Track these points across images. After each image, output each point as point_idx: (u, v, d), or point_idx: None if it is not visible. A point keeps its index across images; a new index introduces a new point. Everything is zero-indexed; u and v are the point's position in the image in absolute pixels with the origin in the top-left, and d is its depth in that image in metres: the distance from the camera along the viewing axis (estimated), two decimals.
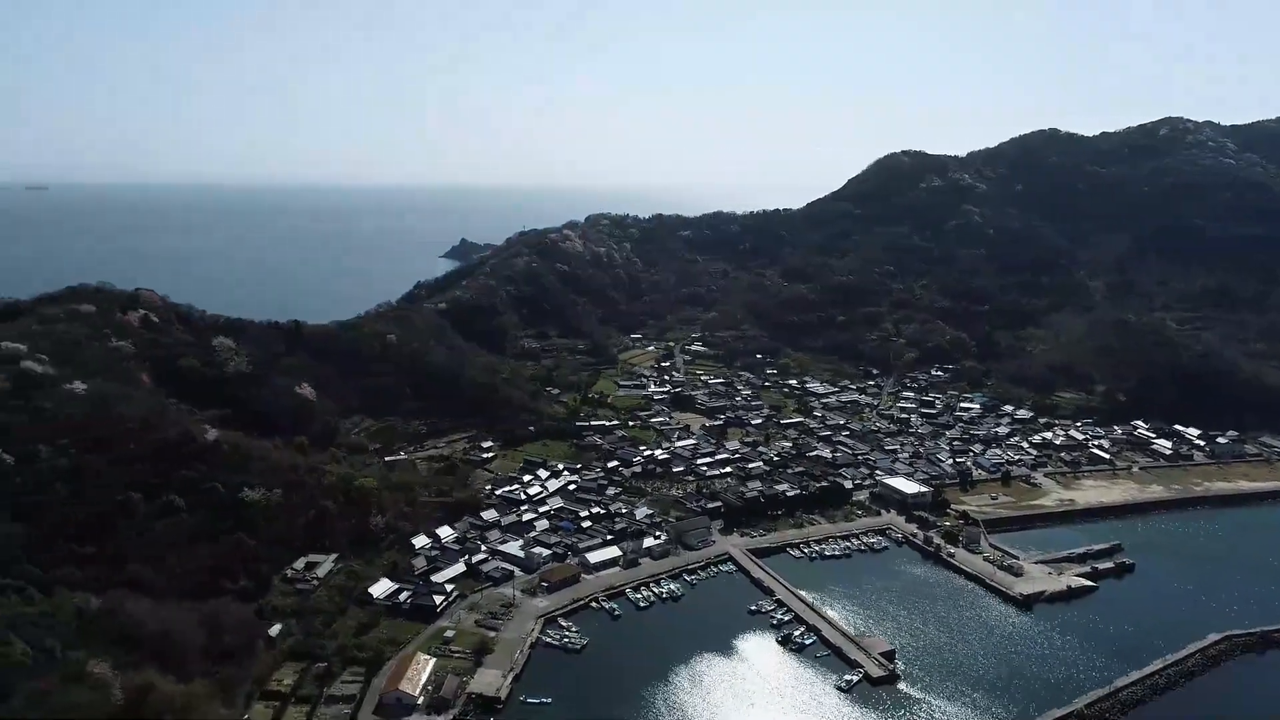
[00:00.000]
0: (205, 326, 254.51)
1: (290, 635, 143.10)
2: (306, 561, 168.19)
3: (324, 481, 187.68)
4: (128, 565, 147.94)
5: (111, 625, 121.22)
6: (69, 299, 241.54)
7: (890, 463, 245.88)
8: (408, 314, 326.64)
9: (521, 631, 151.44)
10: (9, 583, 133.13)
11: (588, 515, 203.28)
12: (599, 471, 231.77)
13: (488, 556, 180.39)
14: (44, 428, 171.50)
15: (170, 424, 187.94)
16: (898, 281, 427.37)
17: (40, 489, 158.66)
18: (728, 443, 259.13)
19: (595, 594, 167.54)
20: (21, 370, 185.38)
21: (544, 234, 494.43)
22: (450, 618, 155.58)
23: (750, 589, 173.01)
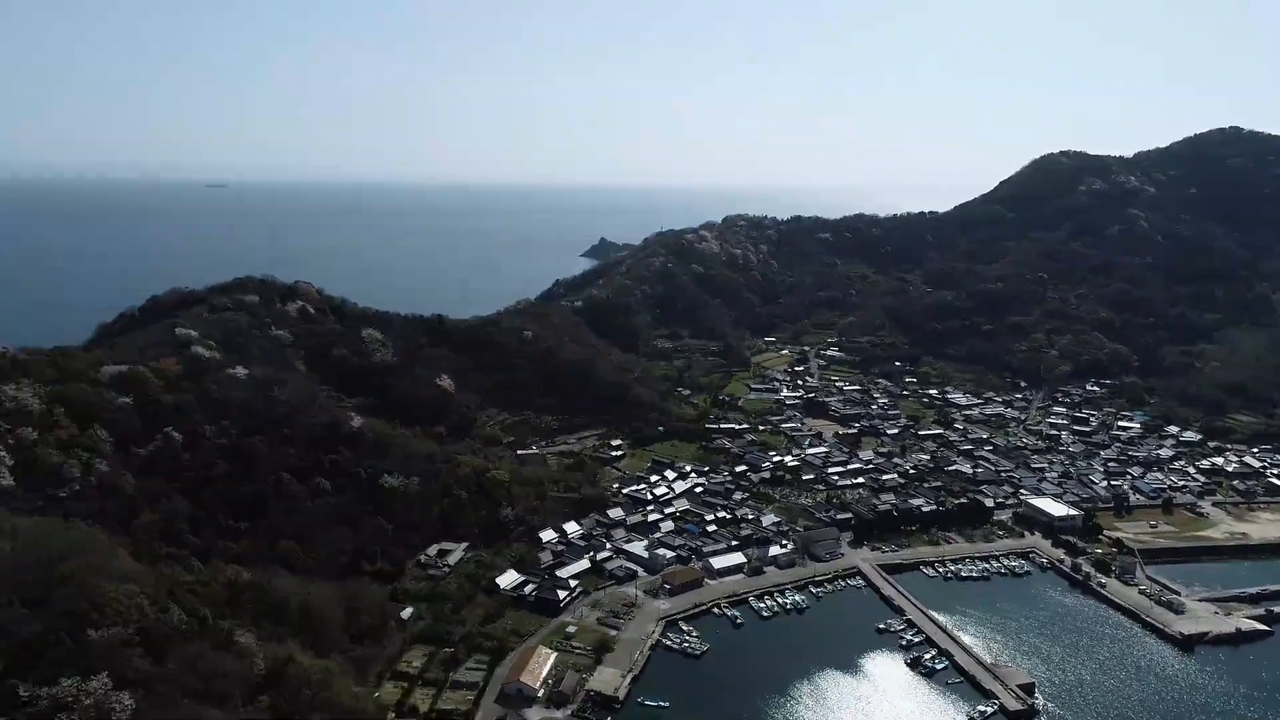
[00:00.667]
0: (355, 318, 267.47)
1: (420, 619, 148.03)
2: (439, 549, 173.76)
3: (458, 472, 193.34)
4: (278, 543, 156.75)
5: (259, 598, 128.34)
6: (237, 289, 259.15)
7: (1037, 482, 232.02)
8: (545, 311, 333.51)
9: (642, 632, 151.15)
10: (173, 551, 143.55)
11: (713, 519, 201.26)
12: (727, 475, 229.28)
13: (612, 555, 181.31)
14: (210, 409, 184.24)
15: (321, 410, 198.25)
16: (1052, 290, 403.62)
17: (204, 466, 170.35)
18: (861, 452, 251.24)
19: (718, 600, 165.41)
20: (193, 355, 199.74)
21: (680, 234, 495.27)
22: (573, 613, 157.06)
23: (879, 606, 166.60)
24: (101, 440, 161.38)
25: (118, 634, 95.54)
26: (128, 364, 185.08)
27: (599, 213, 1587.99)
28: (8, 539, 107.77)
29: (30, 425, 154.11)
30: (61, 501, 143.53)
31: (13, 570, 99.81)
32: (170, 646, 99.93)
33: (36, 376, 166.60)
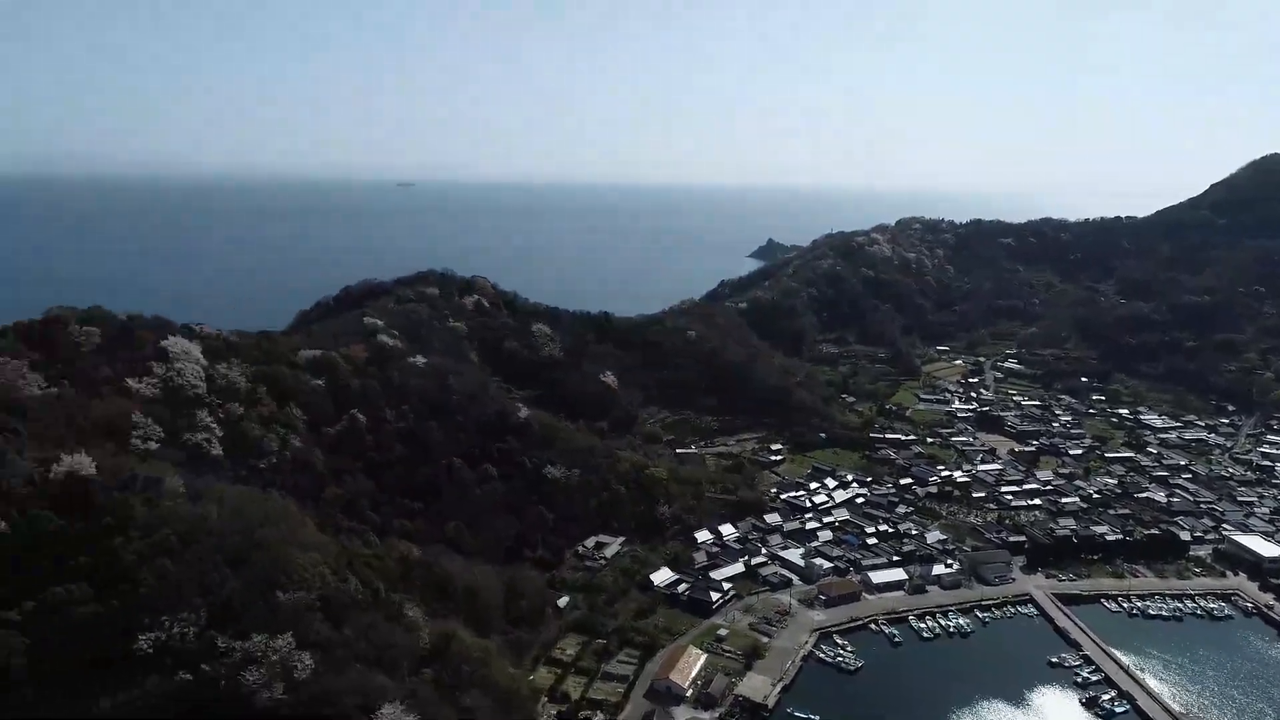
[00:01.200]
0: (527, 313, 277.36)
1: (576, 609, 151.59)
2: (596, 541, 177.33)
3: (618, 467, 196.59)
4: (447, 524, 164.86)
5: (428, 576, 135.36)
6: (419, 282, 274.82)
7: (1244, 517, 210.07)
8: (710, 311, 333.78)
9: (795, 642, 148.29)
10: (354, 526, 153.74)
11: (874, 532, 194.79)
12: (890, 487, 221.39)
13: (767, 560, 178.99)
14: (392, 394, 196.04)
15: (492, 400, 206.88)
16: (1270, 304, 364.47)
17: (385, 448, 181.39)
18: (1039, 472, 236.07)
19: (876, 615, 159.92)
20: (378, 343, 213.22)
21: (850, 236, 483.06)
22: (725, 616, 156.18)
23: (1052, 638, 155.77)
24: (297, 419, 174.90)
25: (302, 598, 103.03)
26: (322, 349, 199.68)
27: (765, 213, 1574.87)
28: (215, 504, 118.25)
29: (238, 402, 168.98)
30: (261, 473, 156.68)
31: (219, 533, 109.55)
32: (347, 614, 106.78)
33: (244, 357, 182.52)
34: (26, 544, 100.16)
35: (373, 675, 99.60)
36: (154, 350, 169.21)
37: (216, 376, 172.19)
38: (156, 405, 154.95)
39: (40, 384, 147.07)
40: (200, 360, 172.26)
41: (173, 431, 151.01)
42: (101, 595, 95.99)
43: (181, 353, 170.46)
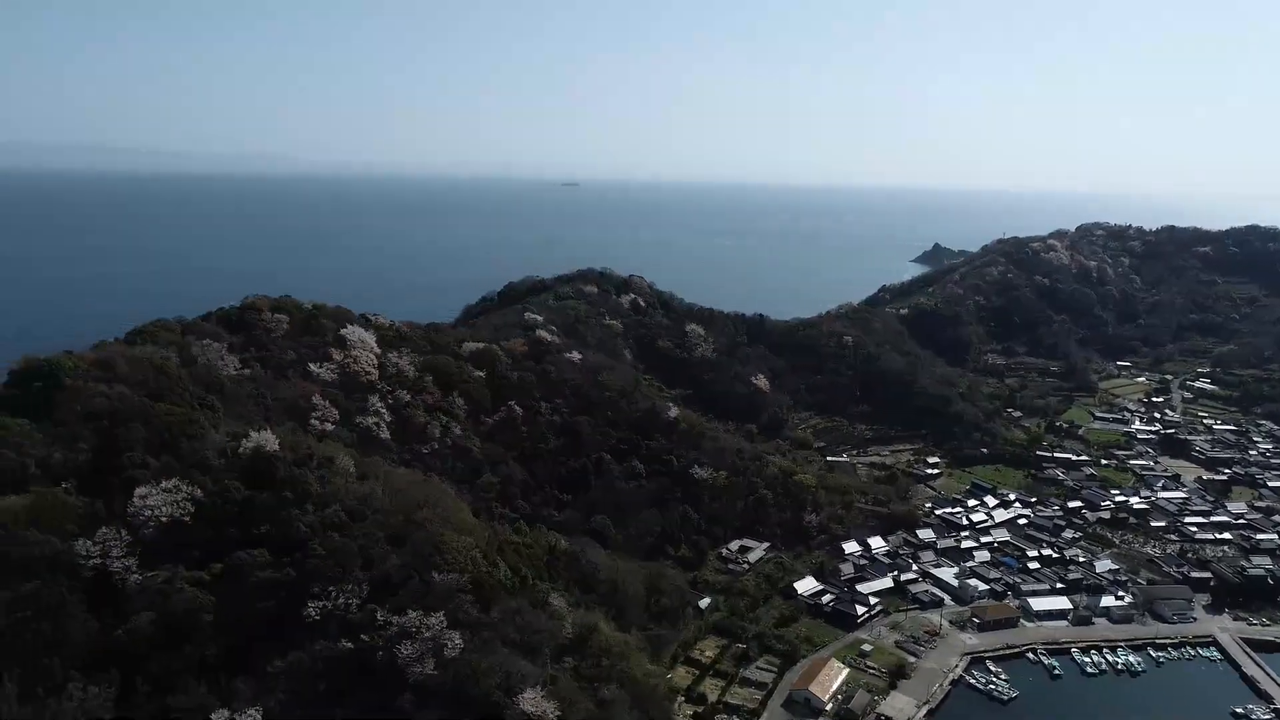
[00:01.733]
0: (681, 313, 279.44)
1: (716, 611, 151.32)
2: (740, 545, 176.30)
3: (766, 471, 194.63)
4: (594, 517, 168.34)
5: (573, 566, 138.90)
6: (579, 280, 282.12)
7: None
8: (867, 316, 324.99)
9: (943, 664, 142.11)
10: (506, 513, 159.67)
11: (1036, 556, 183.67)
12: (1056, 510, 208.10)
13: (918, 577, 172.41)
14: (547, 388, 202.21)
15: (643, 397, 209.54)
16: None
17: (539, 439, 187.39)
18: (1230, 503, 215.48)
19: (1034, 644, 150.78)
20: (536, 338, 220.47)
21: (1025, 242, 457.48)
22: (870, 631, 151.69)
23: (1237, 687, 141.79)
24: (458, 407, 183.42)
25: (454, 580, 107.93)
26: (484, 342, 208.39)
27: (930, 216, 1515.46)
28: (381, 485, 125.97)
29: (405, 389, 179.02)
30: (423, 457, 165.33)
31: (382, 512, 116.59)
32: (495, 598, 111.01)
33: (413, 347, 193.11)
34: (218, 511, 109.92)
35: (516, 659, 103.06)
36: (334, 337, 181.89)
37: (388, 364, 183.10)
38: (334, 389, 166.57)
39: (236, 365, 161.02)
40: (374, 348, 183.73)
41: (347, 414, 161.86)
42: (278, 562, 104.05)
43: (358, 341, 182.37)
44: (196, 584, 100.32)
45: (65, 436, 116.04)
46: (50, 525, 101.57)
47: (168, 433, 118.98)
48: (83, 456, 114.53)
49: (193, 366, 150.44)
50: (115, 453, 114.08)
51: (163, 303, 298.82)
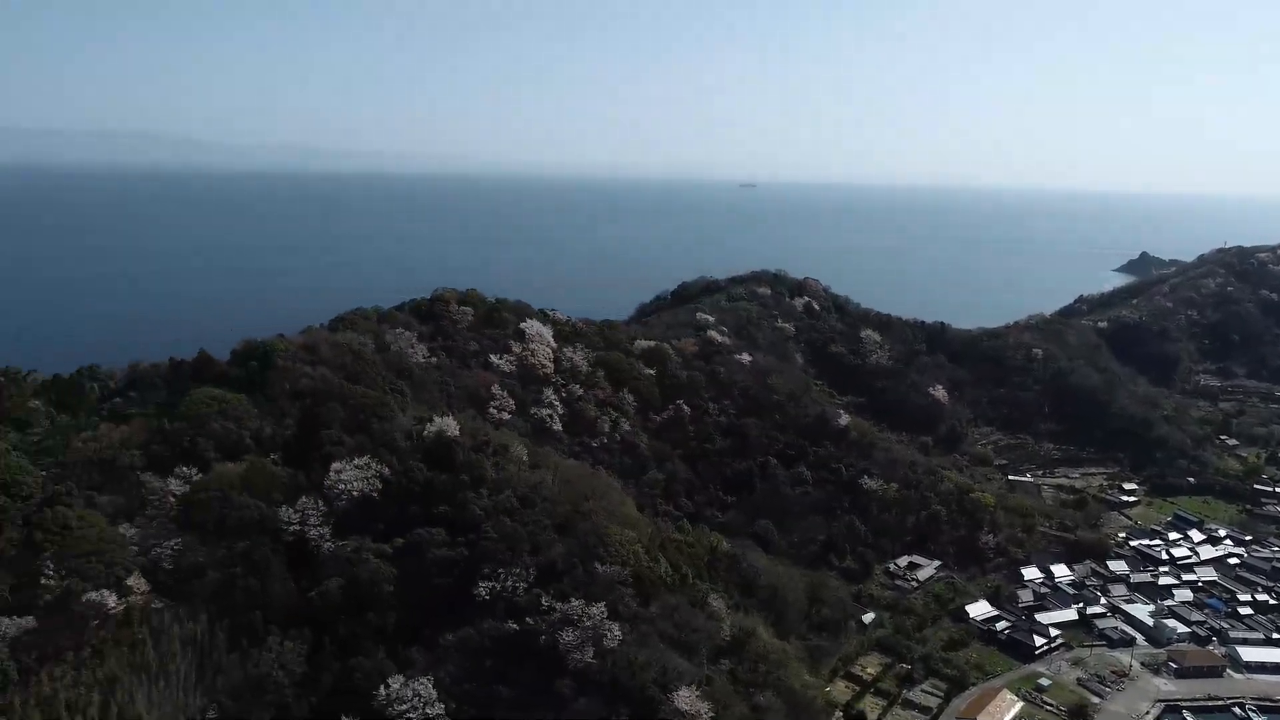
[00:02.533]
0: (856, 318, 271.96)
1: (881, 627, 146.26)
2: (910, 561, 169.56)
3: (940, 486, 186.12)
4: (757, 521, 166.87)
5: (734, 568, 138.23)
6: (752, 281, 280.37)
7: None
8: (1060, 328, 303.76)
9: (1132, 709, 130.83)
10: (669, 510, 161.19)
11: (1249, 601, 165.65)
12: (1276, 550, 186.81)
13: (1107, 612, 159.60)
14: (716, 388, 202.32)
15: (812, 403, 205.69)
16: None
17: (705, 439, 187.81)
18: None
19: (1242, 698, 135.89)
20: (707, 338, 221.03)
21: (1250, 252, 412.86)
22: (1048, 665, 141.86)
23: None
24: (628, 404, 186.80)
25: (616, 572, 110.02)
26: (656, 340, 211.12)
27: (1137, 222, 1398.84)
28: (551, 474, 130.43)
29: (579, 383, 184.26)
30: (592, 451, 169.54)
31: (551, 500, 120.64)
32: (655, 593, 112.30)
33: (587, 343, 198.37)
34: (402, 489, 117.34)
35: (673, 656, 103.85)
36: (514, 331, 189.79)
37: (563, 359, 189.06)
38: (512, 380, 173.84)
39: (424, 354, 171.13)
40: (551, 343, 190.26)
41: (522, 404, 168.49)
42: (453, 542, 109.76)
43: (536, 334, 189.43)
44: (380, 556, 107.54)
45: (275, 412, 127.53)
46: (259, 492, 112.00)
47: (362, 413, 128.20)
48: (289, 431, 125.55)
49: (386, 353, 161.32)
50: (316, 429, 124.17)
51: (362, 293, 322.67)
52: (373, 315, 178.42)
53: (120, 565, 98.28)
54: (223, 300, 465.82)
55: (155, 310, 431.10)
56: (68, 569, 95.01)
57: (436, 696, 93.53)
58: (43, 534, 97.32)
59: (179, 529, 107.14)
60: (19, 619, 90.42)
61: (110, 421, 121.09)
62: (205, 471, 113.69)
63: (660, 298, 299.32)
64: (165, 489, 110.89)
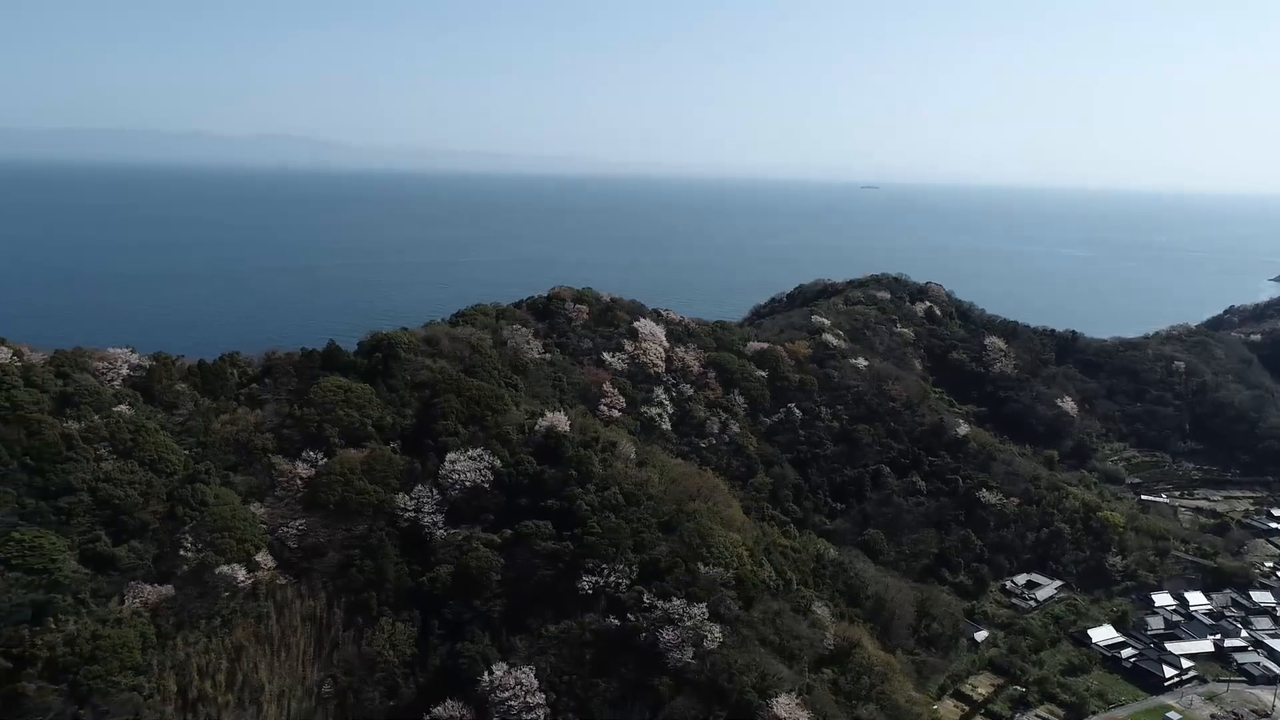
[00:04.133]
0: (980, 324, 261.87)
1: (994, 646, 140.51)
2: (1028, 580, 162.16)
3: (1065, 503, 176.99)
4: (866, 529, 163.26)
5: (840, 576, 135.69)
6: (870, 285, 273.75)
7: None
8: (1205, 340, 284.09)
9: None
10: (776, 515, 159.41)
11: None
12: None
13: (1248, 646, 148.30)
14: (828, 392, 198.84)
15: (929, 411, 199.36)
16: None
17: (815, 444, 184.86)
18: None
19: None
20: (822, 341, 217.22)
21: None
22: (1179, 698, 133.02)
23: None
24: (738, 405, 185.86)
25: (719, 574, 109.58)
26: (769, 342, 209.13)
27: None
28: (657, 472, 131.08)
29: (689, 383, 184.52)
30: (700, 451, 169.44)
31: (656, 499, 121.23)
32: (757, 597, 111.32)
33: (699, 343, 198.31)
34: (512, 481, 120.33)
35: (773, 662, 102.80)
36: (627, 329, 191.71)
37: (674, 358, 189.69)
38: (623, 378, 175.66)
39: (539, 350, 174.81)
40: (663, 342, 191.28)
41: (633, 402, 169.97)
42: (559, 535, 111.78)
43: (649, 333, 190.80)
44: (489, 545, 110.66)
45: (396, 401, 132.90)
46: (378, 478, 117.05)
47: (477, 406, 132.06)
48: (408, 420, 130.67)
49: (502, 348, 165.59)
50: (433, 419, 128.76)
51: (483, 289, 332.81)
52: (491, 311, 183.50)
53: (250, 542, 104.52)
54: (353, 293, 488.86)
55: (290, 302, 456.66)
56: (204, 543, 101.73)
57: (538, 686, 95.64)
58: (184, 509, 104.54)
59: (304, 510, 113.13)
60: (160, 587, 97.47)
61: (246, 406, 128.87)
62: (330, 456, 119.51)
63: (775, 300, 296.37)
64: (293, 471, 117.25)
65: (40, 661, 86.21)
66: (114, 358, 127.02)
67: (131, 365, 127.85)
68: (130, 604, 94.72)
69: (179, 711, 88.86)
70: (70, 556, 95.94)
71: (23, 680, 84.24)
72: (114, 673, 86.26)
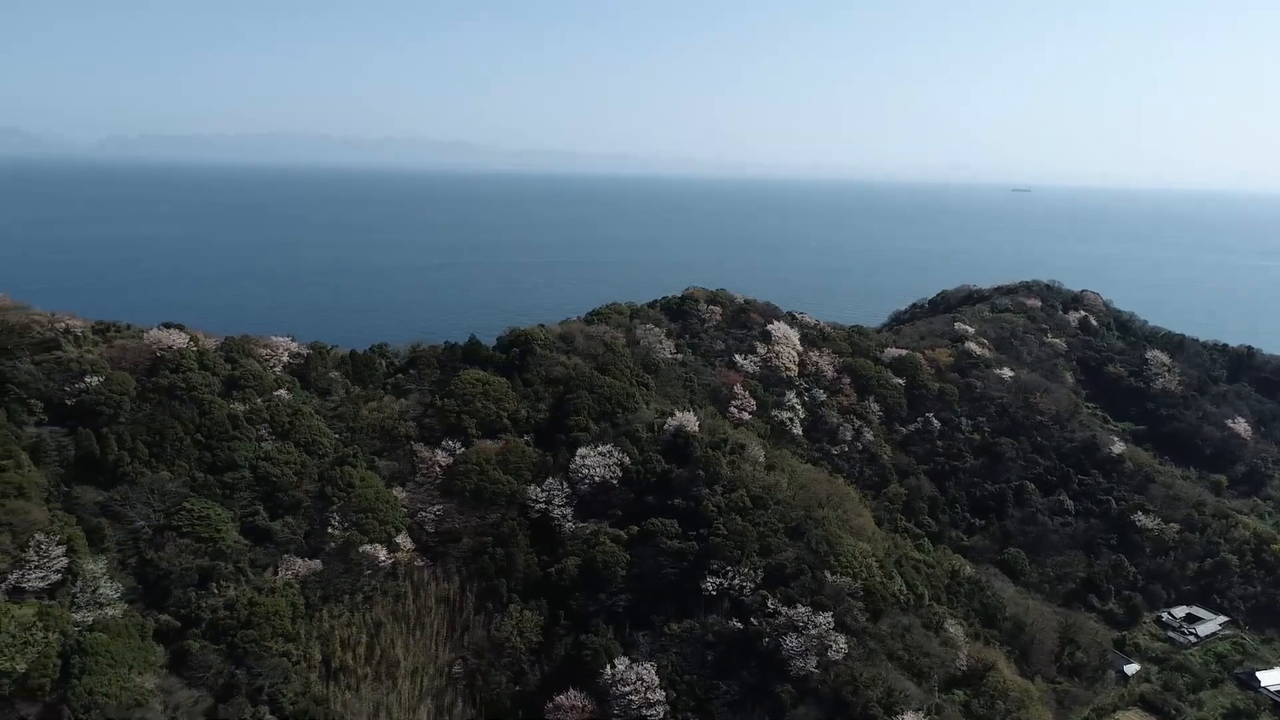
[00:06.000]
0: (1141, 337, 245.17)
1: (1146, 681, 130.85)
2: (1188, 613, 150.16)
3: (1233, 532, 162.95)
4: (1006, 548, 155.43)
5: (976, 595, 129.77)
6: (1020, 292, 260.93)
7: None
8: None
9: None
10: (909, 527, 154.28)
11: None
12: None
13: None
14: (970, 403, 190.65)
15: (1081, 427, 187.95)
16: None
17: (954, 456, 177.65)
18: None
19: None
20: (965, 349, 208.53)
21: None
22: None
23: None
24: (872, 412, 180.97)
25: (847, 584, 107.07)
26: (907, 349, 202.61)
27: None
28: (786, 476, 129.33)
29: (822, 388, 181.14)
30: (831, 458, 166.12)
31: (784, 503, 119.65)
32: (886, 610, 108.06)
33: (834, 348, 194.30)
34: (640, 479, 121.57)
35: (900, 678, 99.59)
36: (760, 332, 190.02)
37: (808, 362, 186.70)
38: (754, 380, 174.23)
39: (671, 350, 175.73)
40: (797, 345, 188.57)
41: (763, 405, 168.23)
42: (685, 535, 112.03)
43: (782, 336, 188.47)
44: (616, 540, 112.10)
45: (531, 396, 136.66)
46: (512, 469, 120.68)
47: (608, 403, 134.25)
48: (541, 415, 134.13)
49: (635, 347, 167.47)
50: (566, 414, 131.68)
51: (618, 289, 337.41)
52: (626, 310, 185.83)
53: (392, 524, 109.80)
54: (494, 291, 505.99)
55: (436, 297, 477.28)
56: (350, 522, 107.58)
57: (658, 682, 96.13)
58: (332, 489, 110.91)
59: (441, 496, 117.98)
60: (309, 561, 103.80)
61: (392, 395, 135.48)
62: (467, 446, 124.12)
63: (917, 305, 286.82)
64: (433, 459, 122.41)
65: (204, 623, 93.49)
66: (276, 345, 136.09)
67: (291, 353, 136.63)
68: (283, 575, 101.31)
69: (322, 679, 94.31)
70: (233, 528, 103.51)
71: (189, 639, 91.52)
72: (267, 638, 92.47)
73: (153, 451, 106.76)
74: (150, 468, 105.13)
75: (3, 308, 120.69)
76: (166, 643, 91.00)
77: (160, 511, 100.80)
